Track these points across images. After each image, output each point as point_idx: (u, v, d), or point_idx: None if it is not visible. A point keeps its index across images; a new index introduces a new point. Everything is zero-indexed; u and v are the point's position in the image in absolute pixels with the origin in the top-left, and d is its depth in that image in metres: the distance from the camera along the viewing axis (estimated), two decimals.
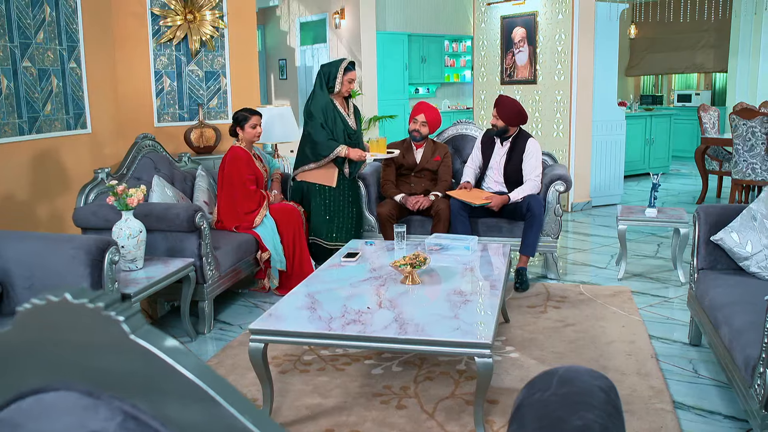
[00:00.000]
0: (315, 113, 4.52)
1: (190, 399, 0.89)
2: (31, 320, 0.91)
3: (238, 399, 0.90)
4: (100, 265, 2.79)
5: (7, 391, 0.93)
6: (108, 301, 0.88)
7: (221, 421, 0.88)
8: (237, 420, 0.88)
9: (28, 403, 0.93)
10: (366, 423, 2.66)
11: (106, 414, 0.89)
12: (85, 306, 0.87)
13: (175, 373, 0.88)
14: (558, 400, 1.30)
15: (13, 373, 0.93)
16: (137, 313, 0.89)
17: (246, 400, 0.90)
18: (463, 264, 3.36)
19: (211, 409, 0.88)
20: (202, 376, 0.88)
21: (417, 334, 2.41)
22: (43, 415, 0.92)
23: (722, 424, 2.68)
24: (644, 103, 11.71)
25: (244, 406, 0.90)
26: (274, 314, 2.66)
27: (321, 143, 4.50)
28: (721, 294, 2.94)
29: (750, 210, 3.22)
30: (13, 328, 0.92)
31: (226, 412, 0.88)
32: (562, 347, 3.43)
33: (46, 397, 0.92)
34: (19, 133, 4.54)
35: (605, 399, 1.34)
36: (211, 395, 0.88)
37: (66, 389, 0.91)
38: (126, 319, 0.87)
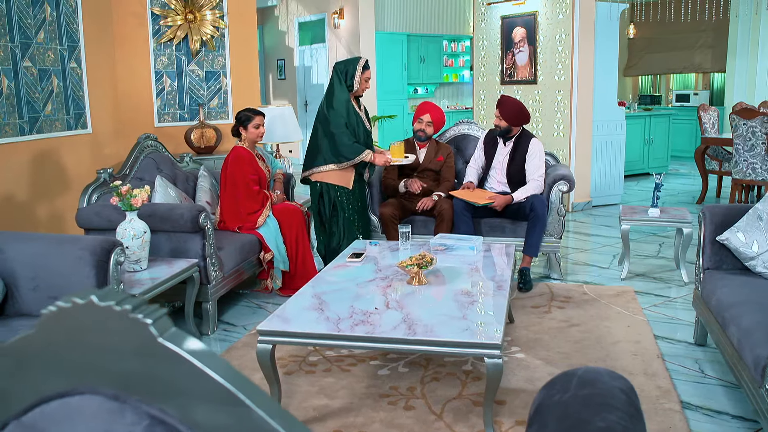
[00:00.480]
0: (339, 110, 4.34)
1: (218, 403, 0.87)
2: (55, 323, 0.90)
3: (268, 402, 0.89)
4: (105, 266, 2.77)
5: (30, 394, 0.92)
6: (135, 304, 0.86)
7: (251, 424, 0.87)
8: (267, 423, 0.87)
9: (52, 407, 0.91)
10: (374, 424, 2.65)
11: (132, 418, 0.88)
12: (112, 308, 0.86)
13: (203, 376, 0.86)
14: (579, 402, 1.29)
15: (36, 376, 0.92)
16: (164, 315, 0.87)
17: (275, 404, 0.89)
18: (469, 264, 3.36)
19: (241, 412, 0.87)
20: (231, 379, 0.87)
21: (426, 335, 2.40)
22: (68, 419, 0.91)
23: (730, 424, 2.68)
24: (643, 103, 11.73)
25: (273, 409, 0.88)
26: (282, 315, 2.65)
27: (347, 146, 4.34)
28: (728, 294, 2.93)
29: (756, 210, 3.22)
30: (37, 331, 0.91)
31: (255, 416, 0.87)
32: (567, 347, 3.42)
33: (70, 401, 0.91)
34: (20, 134, 4.52)
35: (626, 400, 1.33)
36: (240, 398, 0.87)
37: (91, 393, 0.90)
38: (154, 322, 0.85)
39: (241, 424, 0.87)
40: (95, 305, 0.87)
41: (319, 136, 4.42)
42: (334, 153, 4.37)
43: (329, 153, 4.37)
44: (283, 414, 0.89)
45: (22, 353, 0.92)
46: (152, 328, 0.85)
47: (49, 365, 0.92)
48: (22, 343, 0.91)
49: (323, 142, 4.39)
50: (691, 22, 10.56)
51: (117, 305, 0.86)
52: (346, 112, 4.37)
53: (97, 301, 0.86)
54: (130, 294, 0.87)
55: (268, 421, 0.87)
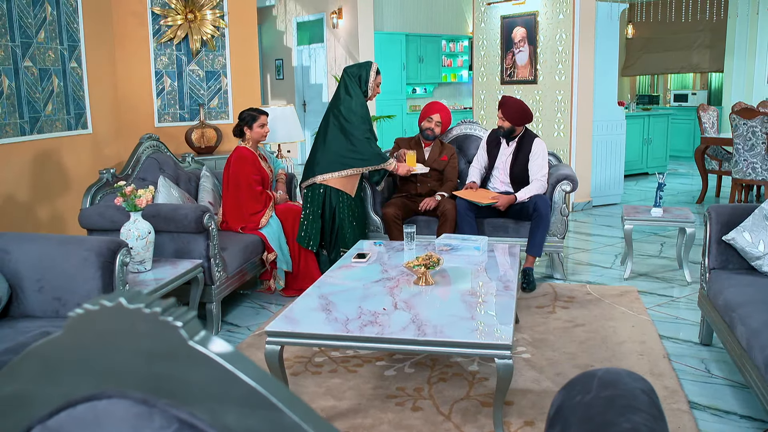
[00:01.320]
0: (364, 116, 4.27)
1: (250, 406, 0.86)
2: (83, 325, 0.89)
3: (300, 406, 0.88)
4: (111, 267, 2.75)
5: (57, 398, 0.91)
6: (164, 306, 0.85)
7: (282, 428, 0.86)
8: (300, 428, 0.86)
9: (79, 410, 0.90)
10: (382, 425, 2.64)
11: (161, 422, 0.87)
12: (141, 311, 0.85)
13: (234, 379, 0.85)
14: (603, 403, 1.28)
15: (64, 379, 0.91)
16: (194, 318, 0.86)
17: (308, 407, 0.88)
18: (474, 264, 3.35)
19: (273, 416, 0.86)
20: (262, 383, 0.86)
21: (436, 335, 2.39)
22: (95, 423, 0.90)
23: (739, 424, 2.68)
24: (641, 103, 11.75)
25: (306, 413, 0.87)
26: (290, 316, 2.63)
27: (375, 154, 4.30)
28: (735, 294, 2.93)
29: (762, 209, 3.22)
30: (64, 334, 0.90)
31: (288, 420, 0.86)
32: (573, 347, 3.42)
33: (98, 404, 0.89)
34: (21, 134, 4.49)
35: (648, 401, 1.32)
36: (272, 402, 0.85)
37: (119, 397, 0.89)
38: (184, 325, 0.84)
39: (272, 427, 0.86)
40: (124, 308, 0.86)
41: (336, 139, 4.31)
42: (358, 159, 4.30)
43: (352, 158, 4.29)
44: (313, 416, 0.88)
45: (49, 356, 0.91)
46: (182, 330, 0.84)
47: (77, 368, 0.90)
48: (49, 346, 0.90)
49: (344, 148, 4.29)
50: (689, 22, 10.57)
51: (146, 308, 0.85)
52: (368, 119, 4.35)
53: (126, 303, 0.85)
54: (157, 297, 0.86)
55: (301, 424, 0.86)
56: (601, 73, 7.09)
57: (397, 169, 4.41)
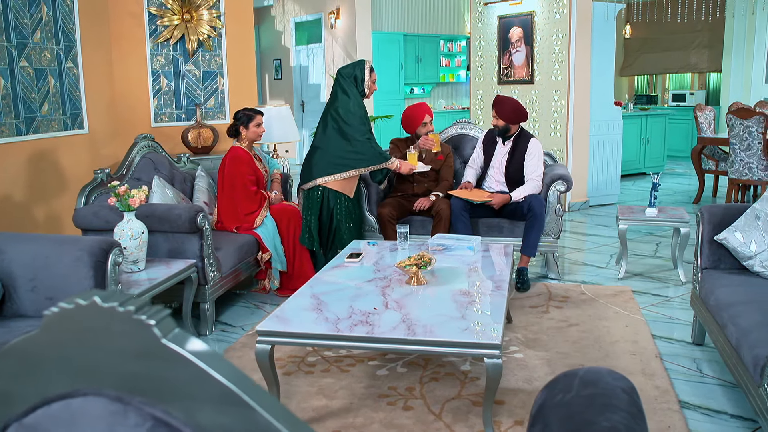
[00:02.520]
0: (362, 117, 4.28)
1: (222, 404, 0.87)
2: (58, 324, 0.89)
3: (272, 403, 0.88)
4: (103, 267, 2.76)
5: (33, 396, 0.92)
6: (138, 305, 0.86)
7: (255, 426, 0.87)
8: (271, 425, 0.87)
9: (55, 408, 0.91)
10: (373, 424, 2.65)
11: (136, 420, 0.88)
12: (115, 309, 0.86)
13: (207, 377, 0.86)
14: (583, 402, 1.29)
15: (39, 377, 0.91)
16: (168, 316, 0.87)
17: (280, 405, 0.89)
18: (467, 264, 3.35)
19: (245, 414, 0.86)
20: (235, 381, 0.87)
21: (426, 335, 2.40)
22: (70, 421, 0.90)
23: (729, 424, 2.69)
24: (639, 102, 11.75)
25: (279, 411, 0.88)
26: (281, 316, 2.64)
27: (376, 154, 4.30)
28: (726, 293, 2.94)
29: (754, 209, 3.23)
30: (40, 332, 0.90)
31: (260, 417, 0.86)
32: (566, 347, 3.43)
33: (73, 402, 0.90)
34: (17, 134, 4.50)
35: (629, 400, 1.33)
36: (244, 400, 0.86)
37: (94, 395, 0.89)
38: (157, 323, 0.85)
39: (245, 426, 0.87)
40: (98, 306, 0.86)
41: (335, 143, 4.30)
42: (358, 159, 4.29)
43: (353, 159, 4.29)
44: (288, 415, 0.89)
45: (25, 354, 0.91)
46: (156, 329, 0.85)
47: (53, 366, 0.91)
48: (25, 344, 0.91)
49: (343, 149, 4.28)
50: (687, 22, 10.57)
51: (120, 306, 0.85)
52: (367, 119, 4.35)
53: (101, 302, 0.86)
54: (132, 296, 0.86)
55: (273, 422, 0.87)
56: (598, 73, 7.09)
57: (399, 168, 4.41)
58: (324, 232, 4.36)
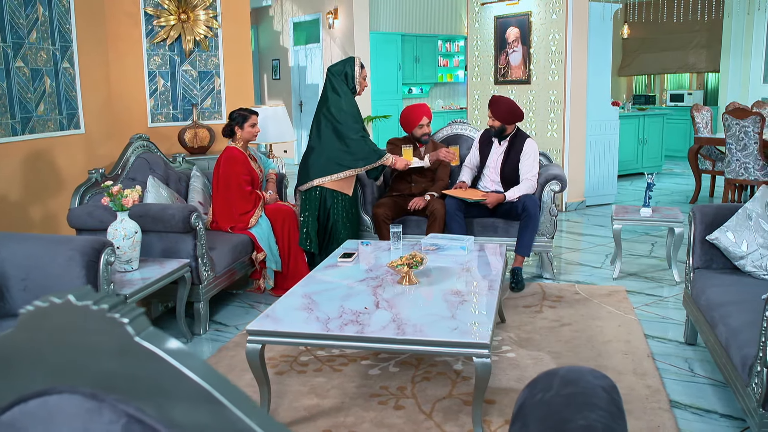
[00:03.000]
0: (354, 114, 4.28)
1: (195, 401, 0.88)
2: (34, 322, 0.90)
3: (244, 401, 0.89)
4: (95, 267, 2.77)
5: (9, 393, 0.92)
6: (112, 303, 0.87)
7: (227, 423, 0.87)
8: (243, 422, 0.87)
9: (31, 406, 0.92)
10: (364, 424, 2.65)
11: (111, 417, 0.89)
12: (89, 308, 0.86)
13: (180, 375, 0.87)
14: (562, 401, 1.30)
15: (16, 375, 0.92)
16: (141, 315, 0.88)
17: (252, 402, 0.90)
18: (460, 264, 3.36)
19: (217, 411, 0.87)
20: (207, 378, 0.88)
21: (415, 334, 2.41)
22: (47, 418, 0.91)
23: (719, 423, 2.69)
24: (637, 103, 11.76)
25: (250, 408, 0.89)
26: (272, 315, 2.65)
27: (371, 151, 4.29)
28: (717, 293, 2.95)
29: (745, 209, 3.24)
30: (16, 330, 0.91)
31: (232, 415, 0.87)
32: (558, 347, 3.43)
33: (49, 400, 0.91)
34: (12, 134, 4.51)
35: (608, 399, 1.34)
36: (216, 397, 0.87)
37: (70, 392, 0.90)
38: (130, 321, 0.86)
39: (218, 423, 0.87)
40: (73, 305, 0.87)
41: (330, 143, 4.30)
42: (354, 158, 4.30)
43: (349, 159, 4.29)
44: (260, 413, 0.90)
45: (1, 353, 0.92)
46: (129, 327, 0.86)
47: (29, 364, 0.92)
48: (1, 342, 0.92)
49: (338, 149, 4.29)
50: (685, 23, 10.58)
51: (94, 305, 0.86)
52: (359, 116, 4.35)
53: (75, 300, 0.87)
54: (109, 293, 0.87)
55: (244, 419, 0.88)
56: (595, 73, 7.10)
57: (395, 164, 4.42)
58: (321, 232, 4.37)
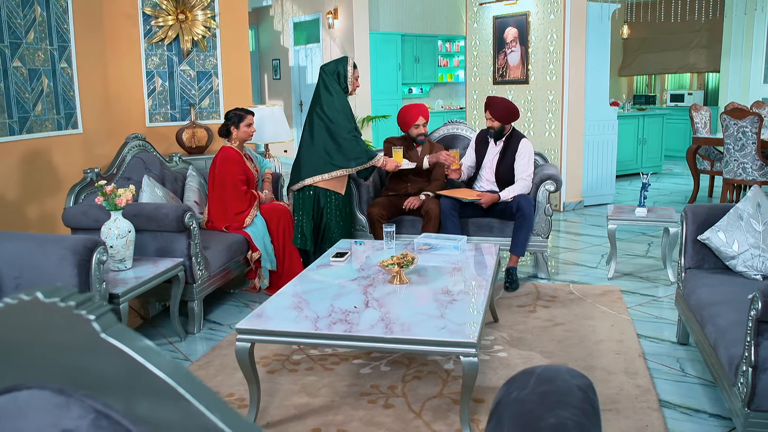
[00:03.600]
0: (347, 114, 4.28)
1: (161, 397, 0.89)
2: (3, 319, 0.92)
3: (210, 397, 0.91)
4: (87, 265, 2.79)
5: None
6: (79, 300, 0.88)
7: (192, 419, 0.89)
8: (206, 418, 0.89)
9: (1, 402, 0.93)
10: (353, 422, 2.67)
11: (79, 412, 0.90)
12: (57, 305, 0.88)
13: (145, 371, 0.88)
14: (535, 399, 1.31)
15: None
16: (108, 312, 0.89)
17: (218, 399, 0.91)
18: (452, 264, 3.37)
19: (183, 407, 0.89)
20: (172, 375, 0.89)
21: (403, 333, 2.42)
22: (16, 413, 0.93)
23: (708, 423, 2.70)
24: (637, 102, 11.75)
25: (215, 404, 0.90)
26: (262, 314, 2.66)
27: (362, 151, 4.29)
28: (708, 293, 2.95)
29: (737, 209, 3.24)
30: None
31: (196, 411, 0.89)
32: (550, 346, 3.44)
33: (18, 395, 0.92)
34: (10, 133, 4.53)
35: (583, 397, 1.34)
36: (181, 394, 0.88)
37: (39, 388, 0.92)
38: (97, 318, 0.87)
39: (184, 419, 0.89)
40: (41, 302, 0.89)
41: (323, 140, 4.31)
42: (346, 158, 4.30)
43: (340, 159, 4.30)
44: (224, 408, 0.91)
45: None
46: (95, 324, 0.87)
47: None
48: None
49: (331, 149, 4.30)
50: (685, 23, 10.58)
51: (61, 302, 0.88)
52: (351, 116, 4.36)
53: (42, 297, 0.88)
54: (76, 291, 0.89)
55: (208, 415, 0.89)
56: (593, 73, 7.10)
57: (385, 165, 4.43)
58: (315, 232, 4.39)
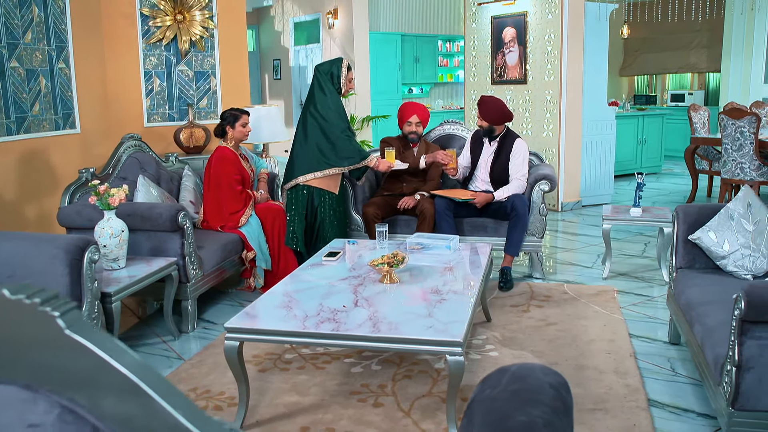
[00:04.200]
0: (340, 113, 4.30)
1: (124, 393, 0.90)
2: None
3: (173, 394, 0.92)
4: (79, 264, 2.81)
5: None
6: (44, 297, 0.90)
7: (155, 415, 0.90)
8: (170, 414, 0.90)
9: None
10: (342, 421, 2.68)
11: (45, 407, 0.92)
12: (22, 302, 0.89)
13: (109, 368, 0.89)
14: (507, 397, 1.32)
15: None
16: (73, 309, 0.90)
17: (181, 395, 0.92)
18: (444, 263, 3.38)
19: (146, 404, 0.90)
20: (136, 372, 0.90)
21: (390, 332, 2.43)
22: None
23: (695, 422, 2.71)
24: (638, 102, 11.74)
25: (178, 401, 0.91)
26: (251, 313, 2.68)
27: (354, 150, 4.30)
28: (697, 293, 2.96)
29: (728, 209, 3.24)
30: None
31: (159, 407, 0.90)
32: (542, 346, 3.45)
33: None
34: (7, 133, 4.56)
35: (554, 395, 1.36)
36: (144, 390, 0.90)
37: (5, 383, 0.93)
38: (61, 315, 0.89)
39: (147, 415, 0.90)
40: (6, 298, 0.90)
41: (317, 139, 4.32)
42: (338, 157, 4.31)
43: (333, 157, 4.31)
44: (188, 405, 0.92)
45: None
46: (60, 320, 0.88)
47: None
48: None
49: (324, 147, 4.30)
50: (685, 22, 10.57)
51: (27, 298, 0.89)
52: (345, 116, 4.37)
53: (9, 294, 0.90)
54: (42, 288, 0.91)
55: (171, 411, 0.90)
56: (591, 73, 7.10)
57: (377, 166, 4.44)
58: (309, 231, 4.40)
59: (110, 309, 3.07)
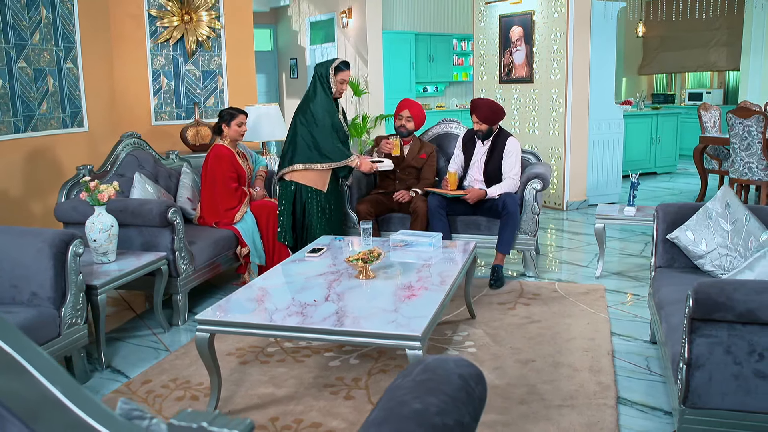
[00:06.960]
0: (321, 116, 4.35)
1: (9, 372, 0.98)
2: None
3: (51, 368, 0.99)
4: (63, 258, 2.92)
5: None
6: None
7: (33, 389, 0.97)
8: (48, 390, 0.98)
9: None
10: (311, 412, 2.75)
11: None
12: None
13: None
14: (411, 386, 1.37)
15: None
16: None
17: (60, 370, 1.00)
18: (424, 260, 3.43)
19: (23, 377, 0.97)
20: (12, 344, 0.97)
21: (352, 326, 2.49)
22: None
23: (661, 420, 2.72)
24: (656, 101, 11.61)
25: (55, 376, 0.99)
26: (224, 306, 2.77)
27: (331, 149, 4.35)
28: (669, 292, 2.96)
29: (706, 208, 3.24)
30: None
31: (37, 381, 0.97)
32: (521, 343, 3.48)
33: None
34: (15, 131, 4.72)
35: (460, 386, 1.40)
36: (21, 364, 0.97)
37: None
38: None
39: (24, 388, 0.97)
40: None
41: (303, 135, 4.38)
42: (320, 154, 4.36)
43: (316, 154, 4.36)
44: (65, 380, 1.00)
45: None
46: None
47: None
48: None
49: (310, 143, 4.37)
50: (705, 20, 10.43)
51: None
52: (330, 115, 4.39)
53: None
54: None
55: (49, 387, 0.98)
56: (598, 71, 7.06)
57: (359, 166, 4.49)
58: (298, 228, 4.48)
59: (96, 301, 3.18)
